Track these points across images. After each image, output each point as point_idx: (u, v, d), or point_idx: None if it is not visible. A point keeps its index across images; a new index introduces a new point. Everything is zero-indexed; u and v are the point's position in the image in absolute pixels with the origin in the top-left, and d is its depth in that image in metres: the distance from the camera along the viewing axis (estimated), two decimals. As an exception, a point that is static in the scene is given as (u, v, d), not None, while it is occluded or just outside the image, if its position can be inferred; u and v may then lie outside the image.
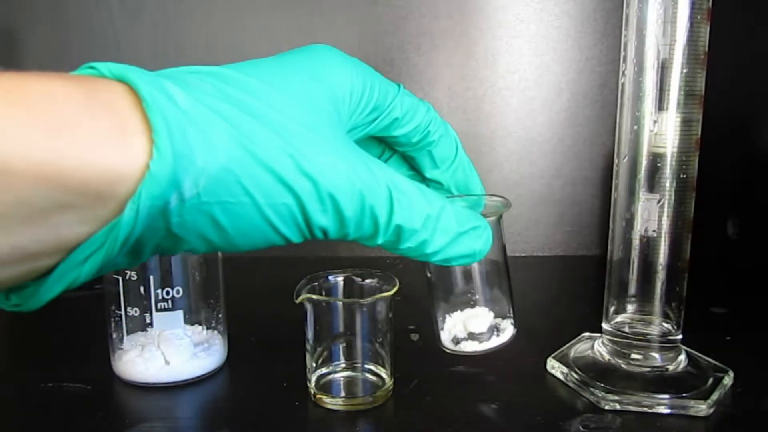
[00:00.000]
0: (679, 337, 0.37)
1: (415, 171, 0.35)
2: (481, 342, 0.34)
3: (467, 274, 0.34)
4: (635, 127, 0.35)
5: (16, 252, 0.18)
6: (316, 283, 0.36)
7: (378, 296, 0.35)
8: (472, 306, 0.35)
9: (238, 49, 0.64)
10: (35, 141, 0.17)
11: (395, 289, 0.35)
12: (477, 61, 0.64)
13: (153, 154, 0.19)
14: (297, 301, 0.34)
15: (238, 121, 0.22)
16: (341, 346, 0.36)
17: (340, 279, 0.37)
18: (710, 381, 0.36)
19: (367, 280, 0.37)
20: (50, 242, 0.19)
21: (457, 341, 0.35)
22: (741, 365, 0.39)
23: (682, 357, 0.38)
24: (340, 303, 0.35)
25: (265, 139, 0.22)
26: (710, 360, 0.39)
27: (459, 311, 0.35)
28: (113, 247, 0.19)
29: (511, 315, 0.35)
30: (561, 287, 0.60)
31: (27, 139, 0.17)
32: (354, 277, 0.37)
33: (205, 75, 0.23)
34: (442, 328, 0.36)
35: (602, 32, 0.63)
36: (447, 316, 0.35)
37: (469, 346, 0.34)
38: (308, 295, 0.34)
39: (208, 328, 0.40)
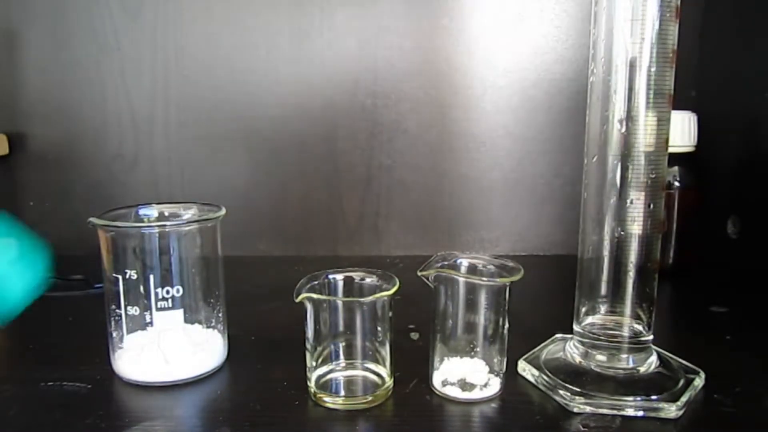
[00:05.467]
0: (650, 338, 0.37)
1: None
2: (469, 391, 0.36)
3: (472, 326, 0.36)
4: (605, 126, 0.34)
5: None
6: (316, 282, 0.36)
7: (378, 295, 0.35)
8: (472, 356, 0.36)
9: (238, 49, 0.64)
10: None
11: (395, 288, 0.35)
12: (477, 61, 0.64)
13: None
14: (297, 300, 0.34)
15: None
16: (341, 345, 0.36)
17: (340, 278, 0.37)
18: (681, 382, 0.35)
19: (367, 280, 0.37)
20: None
21: (445, 384, 0.36)
22: (741, 365, 0.39)
23: (653, 358, 0.37)
24: (340, 302, 0.36)
25: None
26: (681, 361, 0.38)
27: (458, 357, 0.36)
28: None
29: (502, 373, 0.36)
30: (561, 286, 0.60)
31: None
32: (354, 277, 0.37)
33: None
34: (437, 368, 0.37)
35: (602, 32, 0.63)
36: (445, 359, 0.37)
37: (455, 392, 0.36)
38: (308, 294, 0.34)
39: (208, 328, 0.40)
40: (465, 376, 0.36)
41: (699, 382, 0.36)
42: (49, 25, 0.63)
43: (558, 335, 0.42)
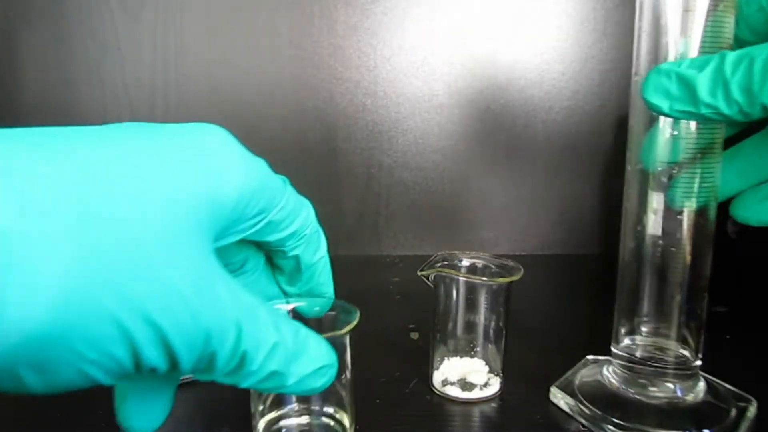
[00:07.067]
0: (698, 363, 0.33)
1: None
2: (469, 391, 0.36)
3: (472, 326, 0.36)
4: (651, 130, 0.31)
5: None
6: None
7: (332, 334, 0.27)
8: (472, 356, 0.36)
9: (238, 49, 0.64)
10: None
11: (354, 323, 0.28)
12: (477, 60, 0.64)
13: None
14: None
15: (82, 243, 0.16)
16: None
17: (288, 310, 0.30)
18: (733, 413, 0.32)
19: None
20: None
21: (445, 383, 0.36)
22: (740, 365, 0.39)
23: (701, 386, 0.33)
24: None
25: (113, 274, 0.16)
26: (730, 387, 0.35)
27: (458, 357, 0.37)
28: None
29: (501, 373, 0.37)
30: (561, 286, 0.60)
31: None
32: (300, 310, 0.30)
33: (48, 151, 0.17)
34: (437, 368, 0.37)
35: (602, 31, 0.63)
36: (445, 359, 0.37)
37: (455, 392, 0.36)
38: None
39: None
40: (465, 375, 0.36)
41: (752, 411, 0.33)
42: (49, 25, 0.63)
43: (589, 357, 0.39)
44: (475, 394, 0.35)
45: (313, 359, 0.22)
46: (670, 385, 0.33)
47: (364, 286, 0.56)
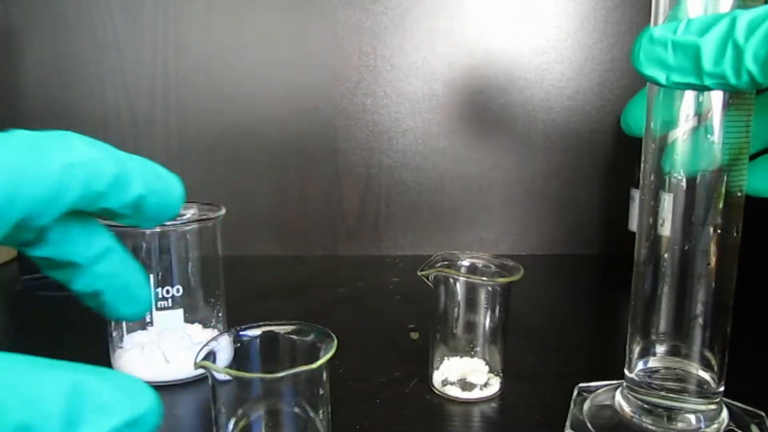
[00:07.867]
0: (721, 390, 0.29)
1: None
2: (469, 391, 0.36)
3: (472, 326, 0.36)
4: (669, 128, 0.27)
5: None
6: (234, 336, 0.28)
7: (301, 369, 0.24)
8: (472, 356, 0.36)
9: (239, 49, 0.64)
10: None
11: (330, 354, 0.25)
12: (477, 60, 0.64)
13: None
14: (195, 369, 0.26)
15: None
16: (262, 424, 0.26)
17: (257, 333, 0.27)
18: None
19: (297, 335, 0.28)
20: None
21: (445, 383, 0.36)
22: (741, 366, 0.39)
23: (725, 415, 0.29)
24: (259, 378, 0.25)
25: None
26: (741, 405, 0.31)
27: (458, 357, 0.37)
28: None
29: (501, 373, 0.37)
30: (561, 286, 0.60)
31: None
32: (277, 332, 0.27)
33: None
34: (437, 368, 0.37)
35: (602, 31, 0.63)
36: (445, 359, 0.37)
37: (455, 392, 0.36)
38: (205, 362, 0.26)
39: (207, 327, 0.40)
40: (465, 375, 0.36)
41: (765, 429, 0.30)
42: (49, 25, 0.63)
43: (581, 385, 0.35)
44: (475, 394, 0.35)
45: (111, 414, 0.15)
46: (690, 416, 0.29)
47: (364, 286, 0.56)
